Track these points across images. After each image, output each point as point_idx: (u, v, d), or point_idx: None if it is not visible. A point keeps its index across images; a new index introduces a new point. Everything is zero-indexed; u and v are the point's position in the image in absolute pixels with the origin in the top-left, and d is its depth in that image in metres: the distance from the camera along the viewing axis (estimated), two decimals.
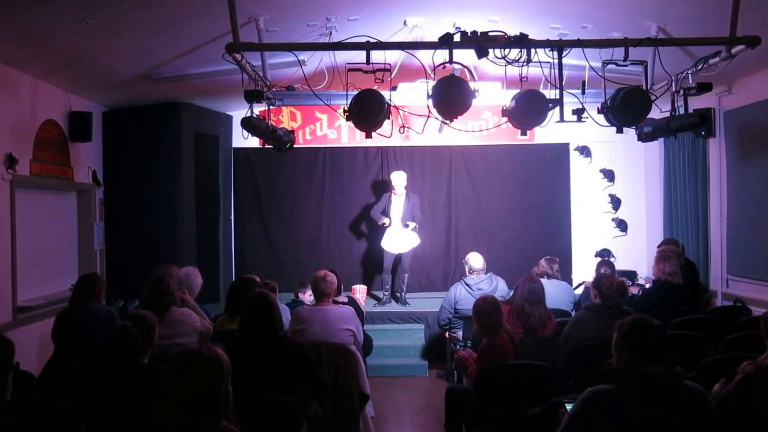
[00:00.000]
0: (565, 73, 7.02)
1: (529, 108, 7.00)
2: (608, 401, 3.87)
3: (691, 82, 7.77)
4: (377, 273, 12.78)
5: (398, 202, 11.91)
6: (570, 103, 7.13)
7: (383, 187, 12.95)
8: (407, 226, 11.66)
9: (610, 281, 7.07)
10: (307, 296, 9.13)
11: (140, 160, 11.23)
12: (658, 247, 9.86)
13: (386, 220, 11.83)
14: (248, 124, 7.77)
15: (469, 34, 6.63)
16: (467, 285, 9.02)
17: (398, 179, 11.89)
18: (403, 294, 12.10)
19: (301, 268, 12.77)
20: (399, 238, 11.79)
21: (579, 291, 10.12)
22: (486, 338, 6.50)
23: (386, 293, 12.16)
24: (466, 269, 9.30)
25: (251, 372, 5.06)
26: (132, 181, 11.20)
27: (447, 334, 9.62)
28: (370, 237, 13.20)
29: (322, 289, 7.09)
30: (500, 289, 8.89)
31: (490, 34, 6.63)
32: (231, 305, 7.28)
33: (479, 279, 9.04)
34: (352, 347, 6.96)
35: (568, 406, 4.22)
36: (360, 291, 11.32)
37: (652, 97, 7.21)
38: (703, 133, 10.26)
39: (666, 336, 4.01)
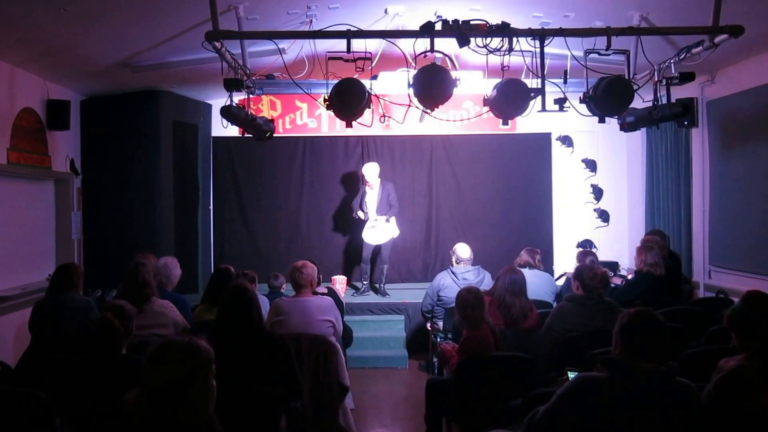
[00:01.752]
0: (547, 62, 7.00)
1: (510, 97, 7.01)
2: (598, 388, 3.88)
3: (673, 71, 7.78)
4: (357, 264, 12.73)
5: (373, 194, 11.92)
6: (552, 92, 7.13)
7: (362, 177, 12.99)
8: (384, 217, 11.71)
9: (593, 272, 7.01)
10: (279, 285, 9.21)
11: (118, 149, 11.18)
12: (643, 238, 9.87)
13: (360, 214, 11.87)
14: (228, 112, 7.75)
15: (450, 22, 6.63)
16: (453, 274, 9.04)
17: (370, 171, 11.87)
18: (382, 285, 12.04)
19: (281, 258, 12.72)
20: (377, 230, 11.76)
21: (561, 282, 10.10)
22: (467, 330, 6.49)
23: (365, 283, 12.16)
24: (453, 259, 9.31)
25: (229, 364, 4.87)
26: (110, 171, 11.15)
27: (428, 325, 9.60)
28: (350, 227, 13.10)
29: (299, 281, 7.04)
30: (486, 282, 8.83)
31: (471, 22, 6.63)
32: (210, 295, 7.36)
33: (465, 269, 9.06)
34: (332, 338, 6.91)
35: None
36: (340, 282, 11.30)
37: (635, 87, 7.24)
38: (685, 123, 10.18)
39: (667, 332, 3.99)
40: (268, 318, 6.97)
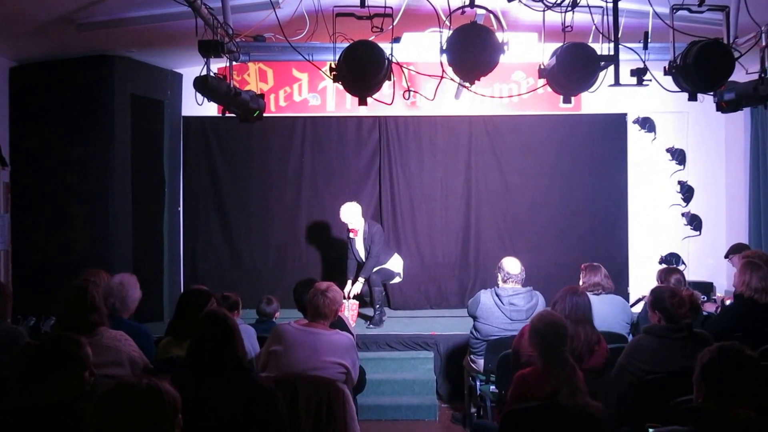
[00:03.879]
0: (622, 21, 7.04)
1: (574, 67, 7.01)
2: None
3: None
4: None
5: (359, 241, 11.87)
6: (628, 60, 7.17)
7: (380, 171, 13.12)
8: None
9: (675, 296, 6.98)
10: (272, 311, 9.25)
11: (59, 133, 11.15)
12: (740, 252, 9.81)
13: (355, 287, 11.68)
14: (203, 85, 7.68)
15: None
16: (497, 296, 8.86)
17: (348, 214, 11.72)
18: (376, 313, 11.84)
19: (272, 276, 12.85)
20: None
21: (638, 309, 10.02)
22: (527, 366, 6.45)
23: (377, 310, 11.95)
24: (499, 277, 9.07)
25: (200, 415, 4.92)
26: (48, 161, 11.13)
27: (464, 363, 9.59)
28: None
29: (320, 308, 6.90)
30: (539, 309, 8.65)
31: None
32: (178, 325, 7.12)
33: (514, 291, 8.84)
34: (341, 385, 6.84)
35: None
36: (349, 307, 11.20)
37: (736, 54, 7.23)
38: None
39: (761, 370, 3.99)
40: (266, 344, 6.91)
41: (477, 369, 8.96)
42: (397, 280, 12.21)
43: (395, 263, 12.02)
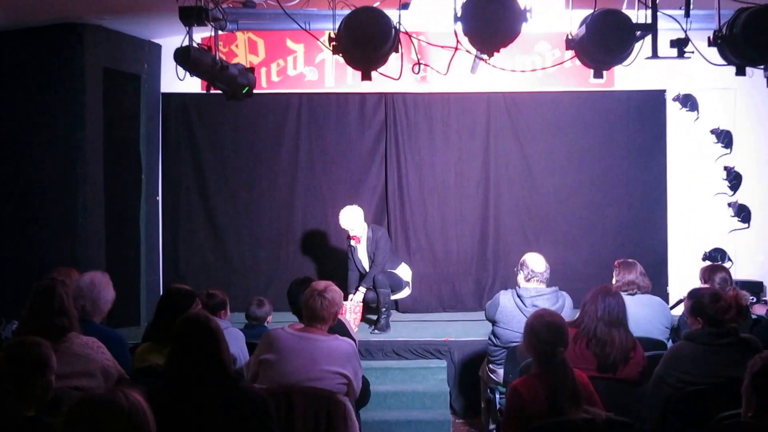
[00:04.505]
0: None
1: (606, 37, 7.01)
2: None
3: None
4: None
5: (362, 250, 11.88)
6: (667, 30, 7.15)
7: (386, 156, 13.15)
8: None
9: (718, 299, 6.92)
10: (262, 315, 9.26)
11: (20, 112, 11.17)
12: None
13: (358, 295, 11.72)
14: (185, 58, 7.76)
15: None
16: (519, 297, 8.77)
17: (348, 220, 11.67)
18: (382, 317, 11.80)
19: (264, 272, 12.92)
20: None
21: (678, 311, 10.01)
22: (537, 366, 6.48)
23: (384, 313, 11.87)
24: (521, 275, 8.97)
25: (184, 429, 4.97)
26: (8, 144, 11.13)
27: (482, 373, 9.56)
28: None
29: (317, 310, 6.82)
30: (566, 313, 8.52)
31: None
32: (157, 330, 7.04)
33: (537, 291, 8.74)
34: (342, 397, 6.80)
35: None
36: (352, 309, 11.26)
37: None
38: None
39: None
40: (256, 351, 6.86)
41: (496, 380, 8.89)
42: (405, 292, 12.10)
43: (403, 272, 11.95)
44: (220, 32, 8.44)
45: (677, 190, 13.41)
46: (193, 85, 10.13)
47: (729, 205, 13.36)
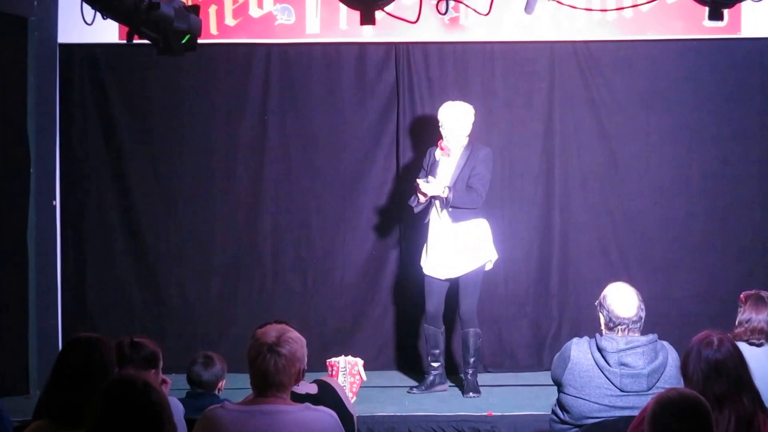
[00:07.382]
0: None
1: None
2: None
3: None
4: (408, 328, 12.42)
5: (450, 164, 11.42)
6: None
7: (398, 136, 12.75)
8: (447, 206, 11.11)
9: None
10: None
11: None
12: None
13: (429, 187, 11.23)
14: None
15: None
16: (599, 350, 8.41)
17: (451, 117, 11.40)
18: (469, 375, 11.55)
19: (214, 314, 12.31)
20: (449, 244, 11.29)
21: None
22: None
23: (433, 371, 11.75)
24: (603, 319, 8.56)
25: None
26: None
27: None
28: (381, 240, 12.59)
29: (269, 372, 6.36)
30: (668, 371, 8.29)
31: None
32: (56, 402, 6.54)
33: (628, 343, 8.26)
34: None
35: None
36: (345, 370, 10.70)
37: None
38: None
39: None
40: None
41: None
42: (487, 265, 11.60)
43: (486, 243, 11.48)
44: None
45: None
46: (107, 32, 9.94)
47: None
